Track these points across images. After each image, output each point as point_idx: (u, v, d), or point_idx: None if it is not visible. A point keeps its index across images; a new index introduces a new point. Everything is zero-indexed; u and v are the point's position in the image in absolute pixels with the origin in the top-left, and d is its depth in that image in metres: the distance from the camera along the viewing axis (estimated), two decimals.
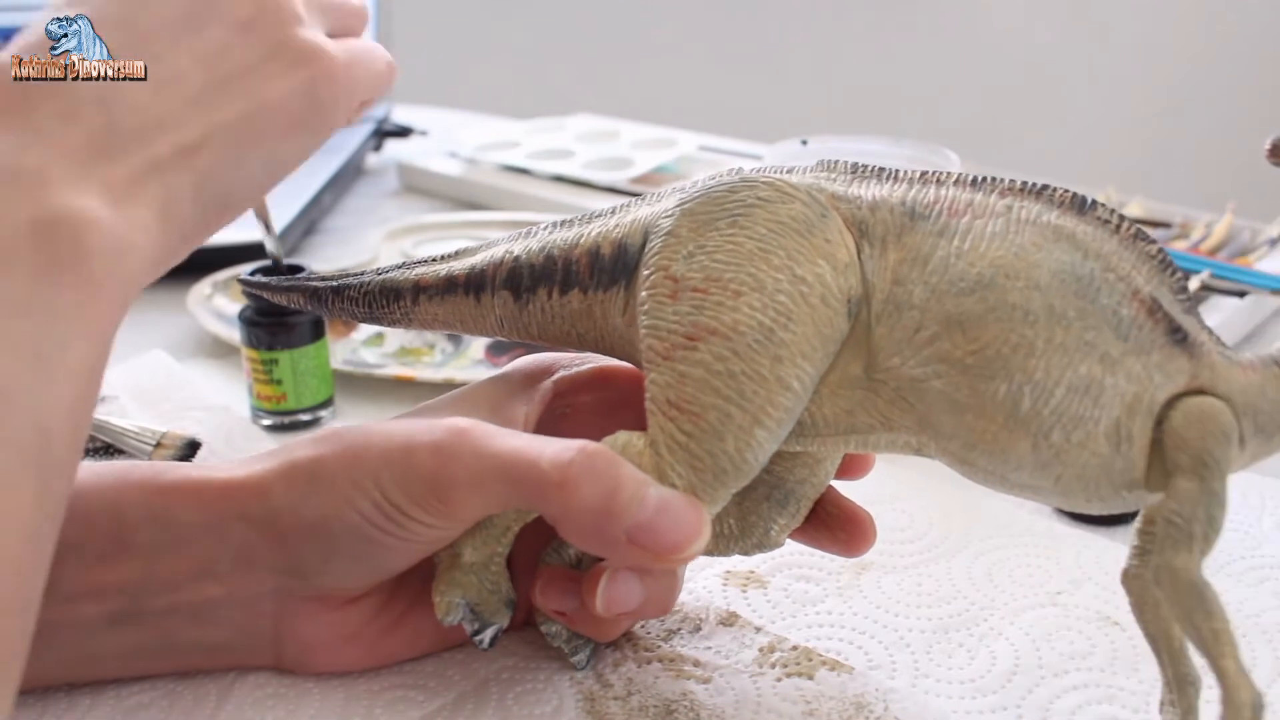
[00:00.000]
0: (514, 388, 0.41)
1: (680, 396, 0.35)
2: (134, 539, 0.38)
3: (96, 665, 0.39)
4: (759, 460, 0.35)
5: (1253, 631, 0.42)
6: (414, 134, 1.03)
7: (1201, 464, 0.32)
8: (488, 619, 0.39)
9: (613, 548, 0.34)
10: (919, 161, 0.62)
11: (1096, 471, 0.33)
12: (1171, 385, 0.33)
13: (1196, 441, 0.32)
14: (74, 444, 0.31)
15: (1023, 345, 0.33)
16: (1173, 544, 0.31)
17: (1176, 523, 0.31)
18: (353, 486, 0.36)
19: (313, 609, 0.39)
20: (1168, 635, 0.34)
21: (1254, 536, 0.48)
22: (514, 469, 0.35)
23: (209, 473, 0.39)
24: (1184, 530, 0.31)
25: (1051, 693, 0.40)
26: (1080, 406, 0.32)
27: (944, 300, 0.34)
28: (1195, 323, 0.34)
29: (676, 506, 0.34)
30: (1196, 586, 0.31)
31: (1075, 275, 0.33)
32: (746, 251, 0.35)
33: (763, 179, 0.36)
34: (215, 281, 0.72)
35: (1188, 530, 0.31)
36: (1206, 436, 0.32)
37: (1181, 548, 0.31)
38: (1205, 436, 0.32)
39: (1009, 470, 0.34)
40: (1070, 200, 0.34)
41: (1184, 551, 0.31)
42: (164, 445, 0.54)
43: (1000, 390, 0.33)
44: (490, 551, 0.39)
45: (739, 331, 0.34)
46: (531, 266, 0.39)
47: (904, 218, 0.35)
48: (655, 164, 0.93)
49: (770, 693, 0.40)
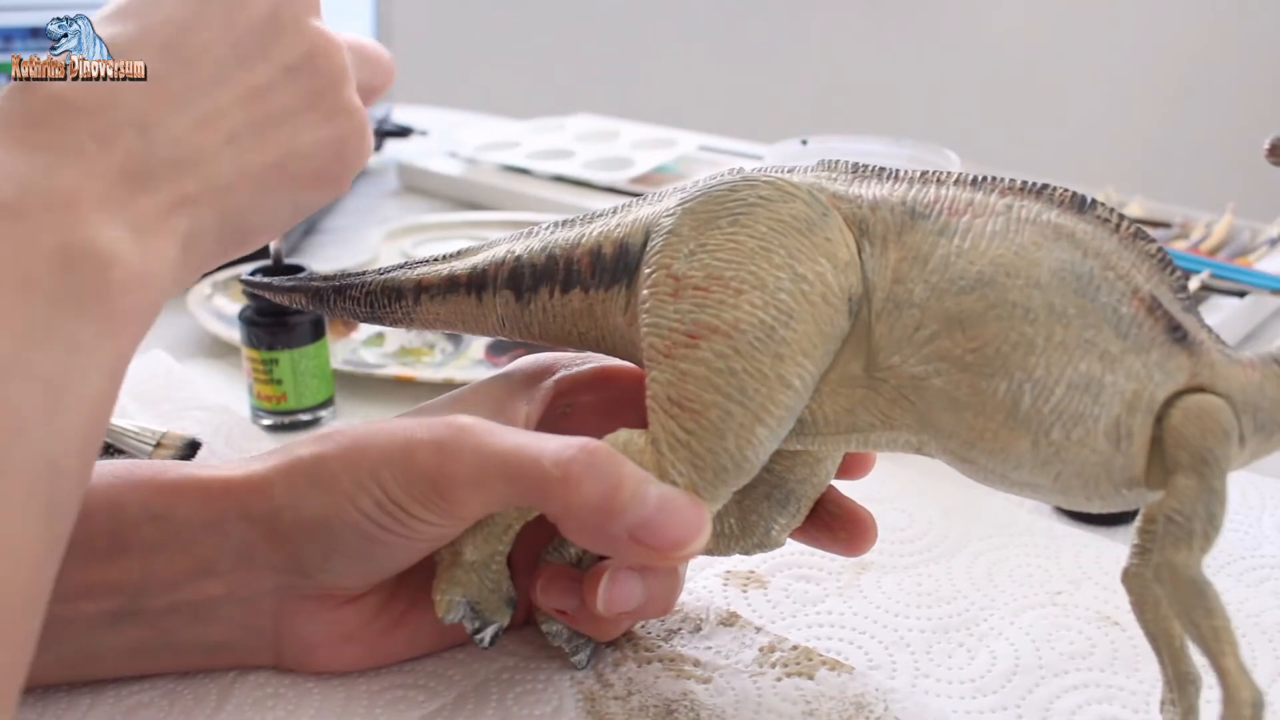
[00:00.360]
0: (515, 387, 0.41)
1: (681, 394, 0.35)
2: (134, 537, 0.38)
3: (97, 663, 0.39)
4: (760, 458, 0.35)
5: (1253, 631, 0.42)
6: (414, 134, 1.03)
7: (1202, 461, 0.32)
8: (488, 618, 0.39)
9: (614, 545, 0.34)
10: (919, 161, 0.62)
11: (1096, 469, 0.33)
12: (1171, 383, 0.33)
13: (1196, 439, 0.32)
14: (82, 476, 0.31)
15: (1023, 343, 0.33)
16: (1173, 541, 0.31)
17: (1177, 520, 0.32)
18: (354, 484, 0.36)
19: (313, 608, 0.39)
20: (1168, 634, 0.34)
21: (1254, 536, 0.48)
22: (515, 467, 0.35)
23: (210, 471, 0.39)
24: (1184, 528, 0.31)
25: (1051, 693, 0.40)
26: (1080, 404, 0.32)
27: (944, 298, 0.34)
28: (1195, 321, 0.34)
29: (678, 504, 0.34)
30: (1197, 584, 0.31)
31: (1075, 273, 0.33)
32: (748, 250, 0.35)
33: (764, 178, 0.36)
34: (215, 281, 0.72)
35: (1188, 528, 0.31)
36: (1206, 434, 0.32)
37: (1182, 545, 0.31)
38: (1205, 434, 0.32)
39: (1009, 468, 0.34)
40: (1070, 199, 0.34)
41: (1184, 549, 0.31)
42: (164, 445, 0.54)
43: (1000, 388, 0.33)
44: (491, 550, 0.39)
45: (740, 329, 0.34)
46: (533, 266, 0.39)
47: (904, 217, 0.35)
48: (655, 164, 0.93)
49: (770, 693, 0.40)
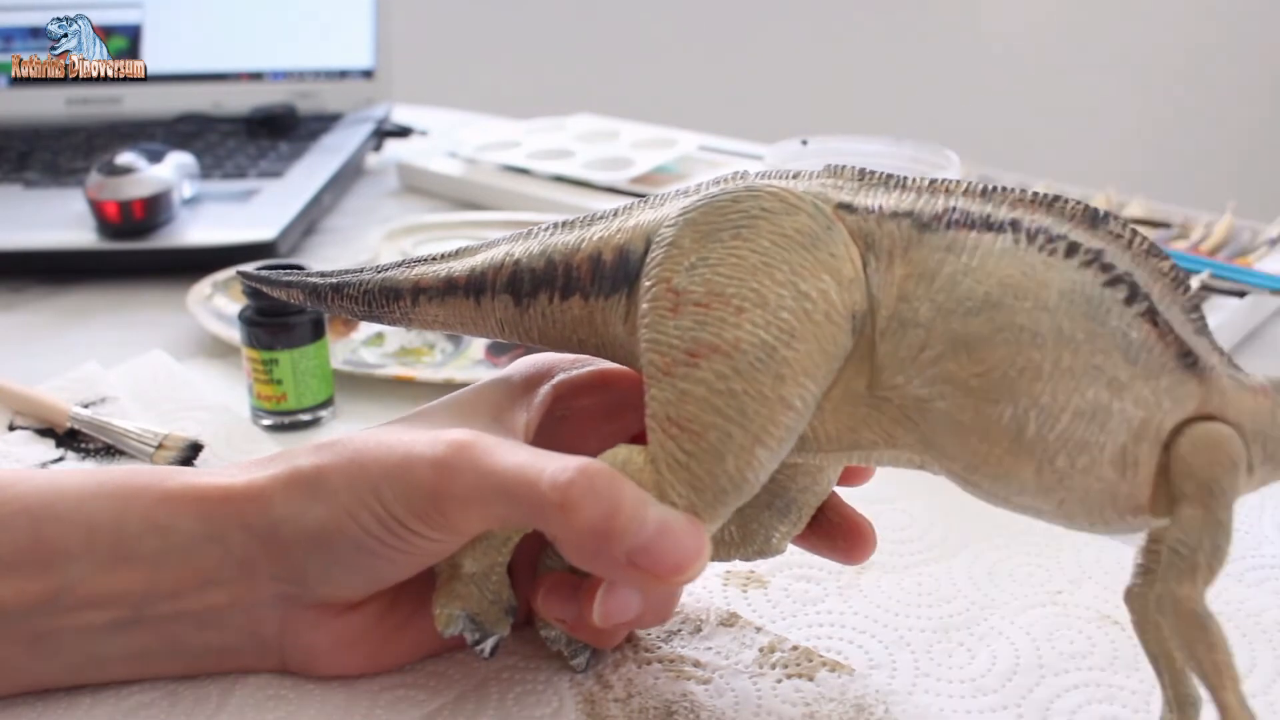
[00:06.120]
0: (514, 392, 0.41)
1: (681, 414, 0.34)
2: (136, 548, 0.38)
3: (101, 668, 0.39)
4: (760, 479, 0.34)
5: (1253, 631, 0.42)
6: (414, 134, 1.03)
7: (1208, 492, 0.31)
8: (488, 629, 0.39)
9: (612, 569, 0.34)
10: (919, 161, 0.62)
11: (1100, 496, 0.32)
12: (1180, 411, 0.32)
13: (1204, 470, 0.31)
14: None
15: (1029, 369, 0.32)
16: (1176, 574, 0.31)
17: (1181, 552, 0.31)
18: (353, 498, 0.36)
19: (315, 616, 0.39)
20: (1169, 655, 0.34)
21: (1254, 536, 0.48)
22: (514, 488, 0.34)
23: (210, 480, 0.39)
24: (1188, 560, 0.31)
25: (1051, 692, 0.40)
26: (1086, 432, 0.32)
27: (950, 319, 0.33)
28: (1206, 344, 0.33)
29: (677, 528, 0.34)
30: (1199, 617, 0.31)
31: (1085, 295, 0.32)
32: (750, 265, 0.34)
33: (767, 188, 0.36)
34: (215, 281, 0.72)
35: (1192, 560, 0.31)
36: (1214, 465, 0.31)
37: (1185, 578, 0.31)
38: (1213, 465, 0.31)
39: (1012, 492, 0.33)
40: (1082, 213, 0.33)
41: (1187, 582, 0.31)
42: (166, 447, 0.54)
43: (1005, 414, 0.32)
44: (490, 561, 0.39)
45: (741, 349, 0.33)
46: (532, 271, 0.39)
47: (911, 230, 0.34)
48: (655, 164, 0.93)
49: (770, 694, 0.40)
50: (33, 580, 0.37)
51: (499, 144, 0.98)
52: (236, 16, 1.04)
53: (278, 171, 0.89)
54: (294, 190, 0.85)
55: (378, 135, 1.01)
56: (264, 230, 0.77)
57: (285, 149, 0.94)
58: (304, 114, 1.01)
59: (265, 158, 0.92)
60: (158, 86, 1.02)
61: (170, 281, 0.75)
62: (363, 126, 0.99)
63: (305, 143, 0.95)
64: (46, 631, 0.38)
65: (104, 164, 0.77)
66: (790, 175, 0.37)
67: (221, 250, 0.75)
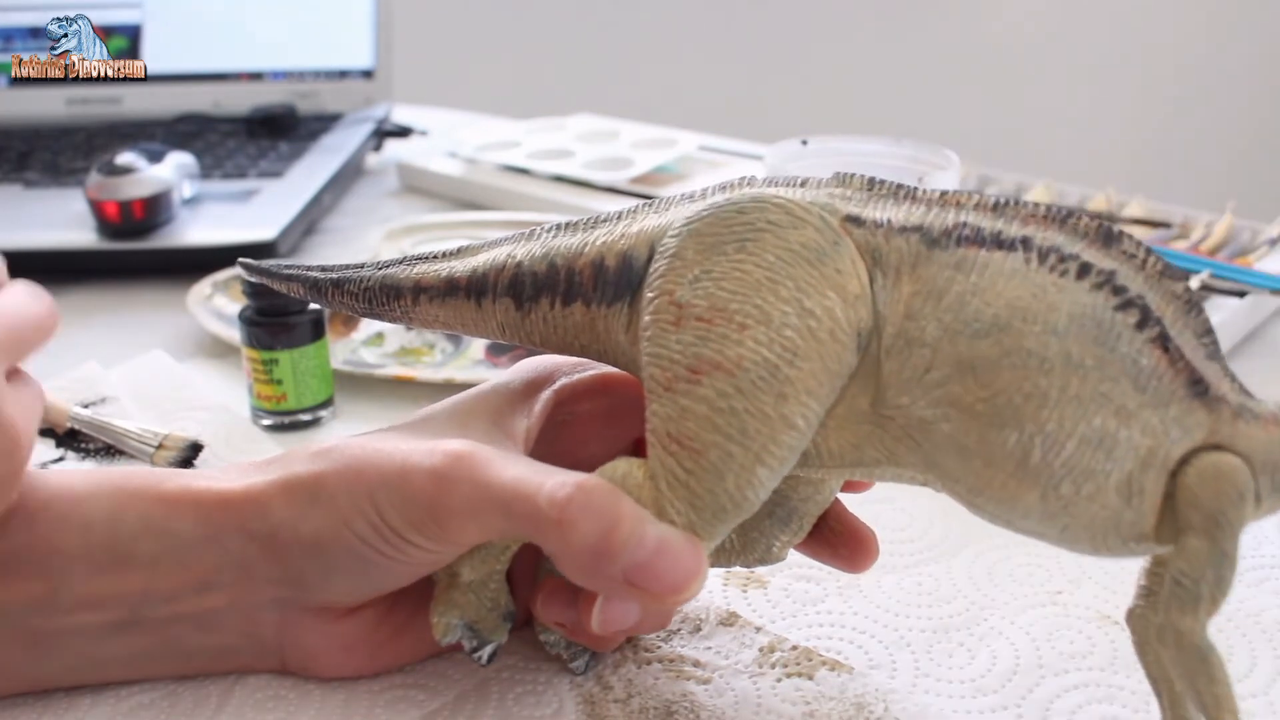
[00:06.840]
0: (515, 397, 0.40)
1: (681, 431, 0.33)
2: (134, 550, 0.38)
3: (100, 670, 0.39)
4: (761, 497, 0.34)
5: (1253, 631, 0.42)
6: (414, 134, 1.02)
7: (1214, 524, 0.31)
8: (486, 637, 0.39)
9: (610, 586, 0.34)
10: (919, 161, 0.62)
11: (1105, 524, 0.32)
12: (1188, 440, 0.31)
13: (1210, 501, 0.31)
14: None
15: (1036, 394, 0.31)
16: (1179, 605, 0.31)
17: (1184, 584, 0.31)
18: (351, 506, 0.36)
19: (313, 620, 0.39)
20: (1169, 679, 0.33)
21: (1254, 536, 0.48)
22: (512, 503, 0.34)
23: (208, 482, 0.39)
24: (1191, 591, 0.31)
25: (1051, 692, 0.40)
26: (1092, 460, 0.31)
27: (957, 341, 0.32)
28: (1218, 369, 0.32)
29: (675, 547, 0.33)
30: (1200, 650, 0.31)
31: (1095, 320, 0.31)
32: (754, 281, 0.34)
33: (774, 199, 0.35)
34: (215, 281, 0.72)
35: (1195, 591, 0.31)
36: (1220, 496, 0.31)
37: (1188, 610, 0.31)
38: (1219, 496, 0.31)
39: (1015, 516, 0.33)
40: (1095, 231, 0.33)
41: (1190, 614, 0.31)
42: (166, 447, 0.54)
43: (1010, 440, 0.32)
44: (489, 570, 0.39)
45: (743, 368, 0.33)
46: (534, 274, 0.38)
47: (920, 246, 0.33)
48: (655, 164, 0.92)
49: (770, 694, 0.40)
50: (30, 580, 0.37)
51: (499, 144, 0.98)
52: (236, 16, 1.04)
53: (278, 171, 0.88)
54: (294, 190, 0.85)
55: (378, 135, 1.01)
56: (264, 230, 0.77)
57: (285, 149, 0.94)
58: (304, 114, 1.01)
59: (265, 158, 0.92)
60: (158, 86, 1.02)
61: (170, 281, 0.75)
62: (363, 126, 0.99)
63: (305, 143, 0.95)
64: (44, 632, 0.38)
65: (104, 164, 0.77)
66: (798, 183, 0.36)
67: (221, 250, 0.75)
